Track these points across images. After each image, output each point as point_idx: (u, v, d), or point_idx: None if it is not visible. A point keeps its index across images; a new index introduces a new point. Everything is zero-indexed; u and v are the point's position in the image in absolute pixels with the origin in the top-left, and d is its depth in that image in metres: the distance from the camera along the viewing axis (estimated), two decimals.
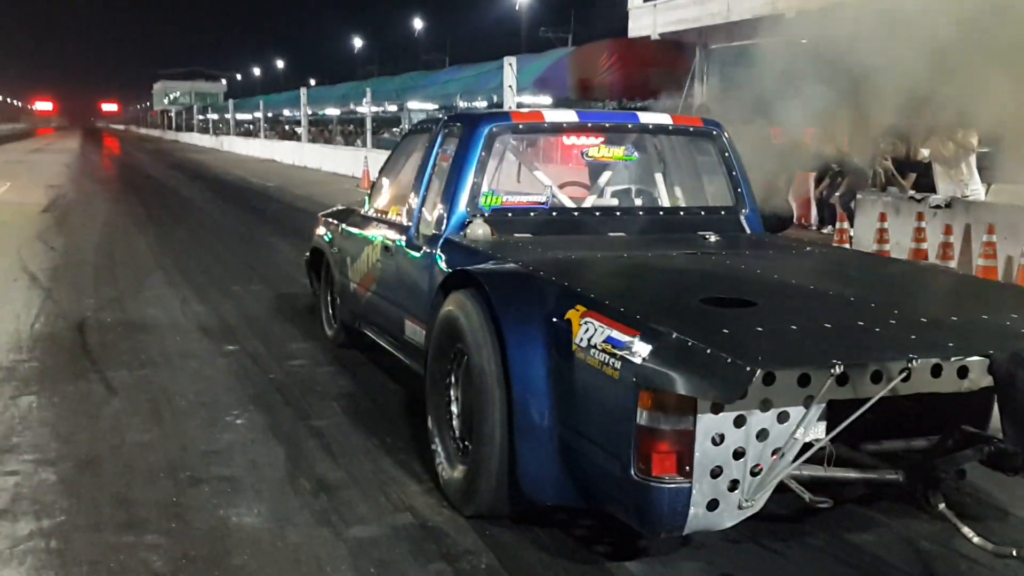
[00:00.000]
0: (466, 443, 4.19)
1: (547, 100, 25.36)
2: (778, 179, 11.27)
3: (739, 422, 3.11)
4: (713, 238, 5.24)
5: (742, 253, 5.04)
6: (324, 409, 5.70)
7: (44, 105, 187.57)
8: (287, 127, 57.16)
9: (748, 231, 5.60)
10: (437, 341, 4.43)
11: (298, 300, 8.81)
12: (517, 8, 61.16)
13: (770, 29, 14.04)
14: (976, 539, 3.46)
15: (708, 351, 3.02)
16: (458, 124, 5.52)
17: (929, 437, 3.78)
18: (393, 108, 39.98)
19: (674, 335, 3.16)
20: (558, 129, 5.59)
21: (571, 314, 3.61)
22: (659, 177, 5.87)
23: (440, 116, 6.14)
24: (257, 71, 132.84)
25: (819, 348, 3.18)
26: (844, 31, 9.63)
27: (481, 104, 29.91)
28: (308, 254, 7.77)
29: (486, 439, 3.87)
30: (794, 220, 11.92)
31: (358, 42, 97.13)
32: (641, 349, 3.20)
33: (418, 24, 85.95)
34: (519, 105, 18.64)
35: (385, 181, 6.43)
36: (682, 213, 5.66)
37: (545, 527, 4.05)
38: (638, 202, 5.84)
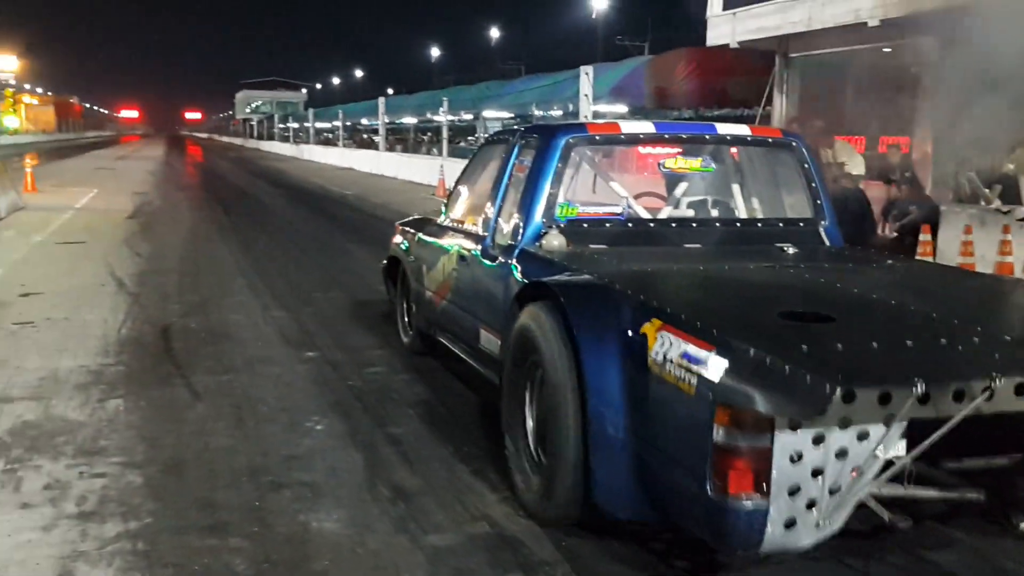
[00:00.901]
0: (541, 454, 4.22)
1: (623, 109, 25.27)
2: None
3: (818, 440, 3.07)
4: (791, 250, 5.18)
5: (821, 266, 4.94)
6: (401, 416, 5.76)
7: (130, 113, 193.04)
8: (365, 136, 57.84)
9: (827, 243, 5.52)
10: (512, 353, 4.45)
11: (375, 307, 8.91)
12: (593, 16, 61.01)
13: (853, 37, 13.82)
14: None
15: (787, 368, 2.97)
16: (535, 135, 5.57)
17: (1011, 455, 3.64)
18: (469, 117, 40.22)
19: (752, 351, 3.11)
20: (635, 140, 5.57)
21: (647, 327, 3.59)
22: (736, 188, 5.82)
23: (516, 127, 6.26)
24: (336, 81, 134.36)
25: (900, 366, 3.09)
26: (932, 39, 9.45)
27: (557, 113, 29.84)
28: (385, 262, 7.97)
29: (560, 450, 3.89)
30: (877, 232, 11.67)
31: (435, 52, 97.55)
32: (717, 365, 3.16)
33: (495, 33, 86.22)
34: (595, 114, 18.62)
35: (462, 191, 6.50)
36: (760, 225, 5.60)
37: (622, 539, 4.04)
38: (715, 213, 5.78)
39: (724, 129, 5.72)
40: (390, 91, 70.11)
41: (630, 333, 3.67)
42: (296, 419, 5.64)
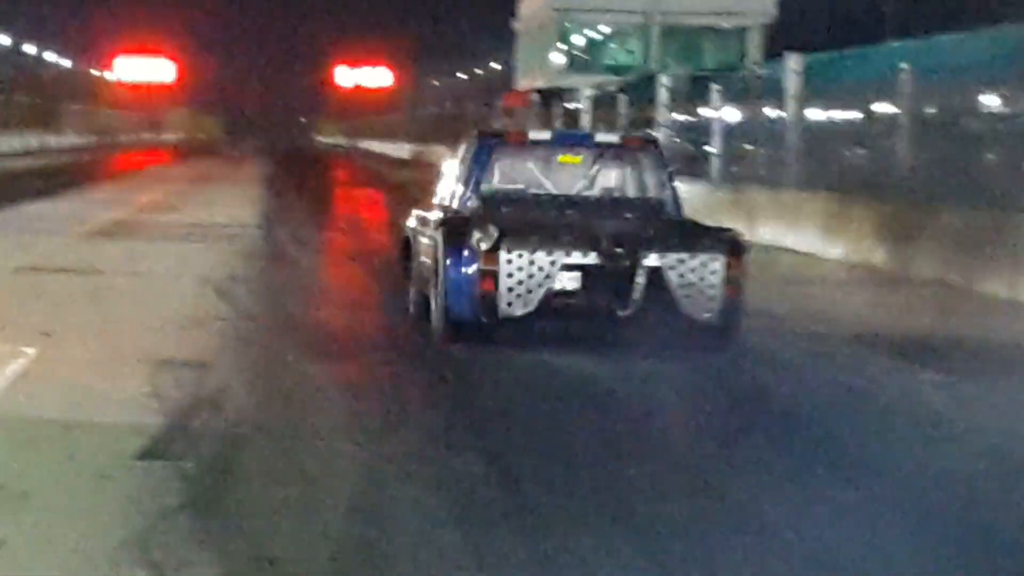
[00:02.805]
0: (434, 304, 10.16)
1: None
2: None
3: (518, 268, 9.09)
4: (628, 216, 10.51)
5: (613, 220, 10.17)
6: None
7: (146, 68, 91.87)
8: None
9: (665, 215, 10.47)
10: (432, 258, 10.37)
11: None
12: None
13: None
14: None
15: (493, 236, 9.17)
16: (475, 139, 11.14)
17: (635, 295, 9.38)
18: None
19: (494, 231, 9.21)
20: (536, 143, 11.11)
21: (474, 232, 9.36)
22: (624, 176, 10.82)
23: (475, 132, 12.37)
24: None
25: (550, 241, 9.27)
26: None
27: None
28: (401, 245, 12.35)
29: (440, 298, 9.68)
30: None
31: None
32: (481, 237, 9.19)
33: None
34: None
35: (445, 175, 11.71)
36: (621, 201, 10.65)
37: None
38: (615, 195, 10.79)
39: (599, 137, 12.01)
40: None
41: (468, 237, 9.45)
42: None
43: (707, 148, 24.67)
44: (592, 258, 9.21)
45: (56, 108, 72.87)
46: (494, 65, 73.12)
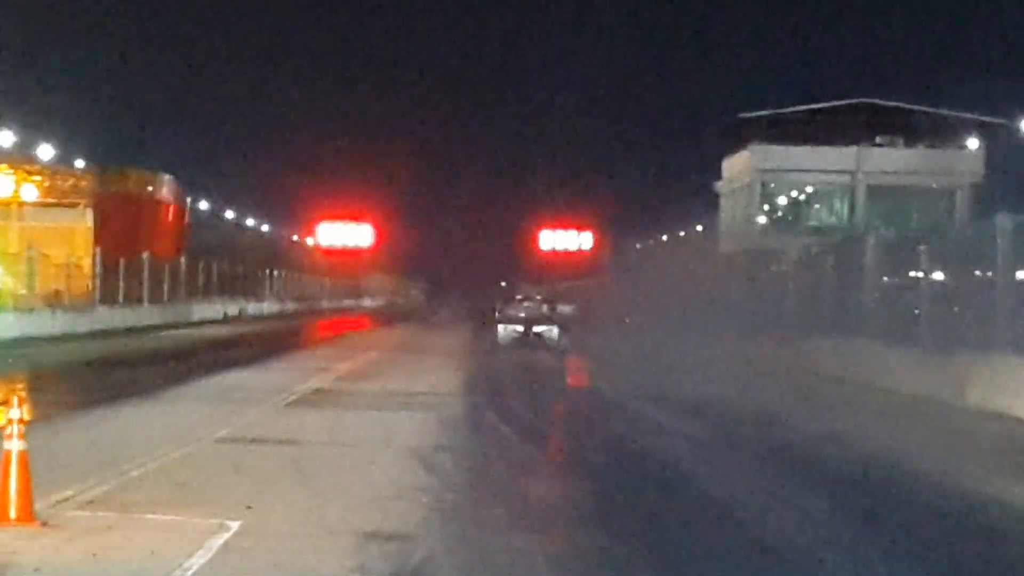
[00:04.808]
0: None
1: None
2: None
3: (503, 328, 39.99)
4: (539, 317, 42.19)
5: (534, 317, 41.71)
6: None
7: (341, 234, 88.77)
8: None
9: (552, 315, 41.72)
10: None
11: None
12: None
13: None
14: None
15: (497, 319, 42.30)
16: (502, 297, 47.67)
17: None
18: None
19: (495, 312, 43.42)
20: (519, 298, 45.08)
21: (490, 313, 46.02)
22: (541, 305, 43.68)
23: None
24: None
25: (511, 322, 41.05)
26: None
27: None
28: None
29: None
30: None
31: None
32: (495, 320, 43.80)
33: None
34: None
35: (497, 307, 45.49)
36: (540, 312, 41.81)
37: None
38: (534, 311, 42.82)
39: (537, 296, 45.41)
40: None
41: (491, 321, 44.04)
42: None
43: (916, 311, 24.16)
44: (522, 327, 38.63)
45: (255, 274, 72.69)
46: (697, 228, 71.03)
